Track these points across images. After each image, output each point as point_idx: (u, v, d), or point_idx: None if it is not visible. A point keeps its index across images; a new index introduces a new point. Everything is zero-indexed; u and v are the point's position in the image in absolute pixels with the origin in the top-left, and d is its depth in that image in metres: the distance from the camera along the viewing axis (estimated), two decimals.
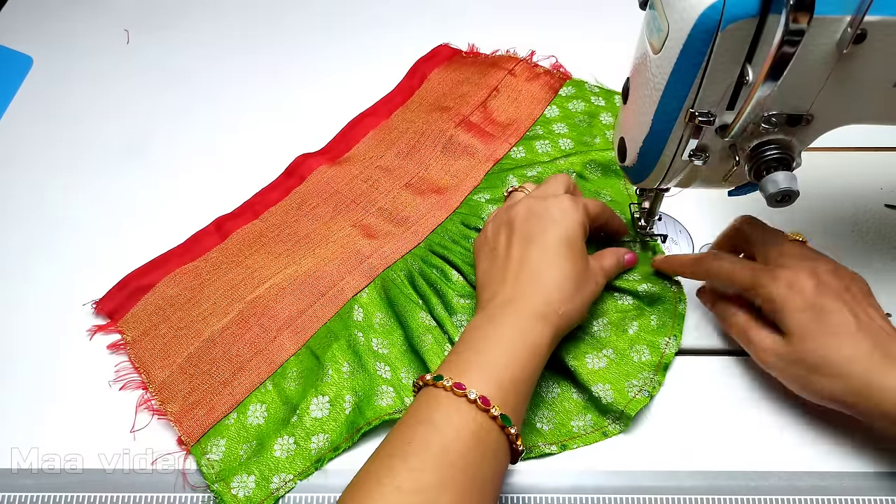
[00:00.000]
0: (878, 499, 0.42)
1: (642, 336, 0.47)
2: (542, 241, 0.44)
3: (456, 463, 0.35)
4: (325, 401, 0.45)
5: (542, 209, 0.46)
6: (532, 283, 0.43)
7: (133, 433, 0.46)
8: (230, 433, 0.45)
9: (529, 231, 0.45)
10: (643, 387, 0.45)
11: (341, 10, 0.76)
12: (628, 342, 0.47)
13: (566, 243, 0.44)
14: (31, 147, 0.64)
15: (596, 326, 0.48)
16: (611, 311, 0.49)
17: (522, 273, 0.43)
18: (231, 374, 0.48)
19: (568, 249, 0.44)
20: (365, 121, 0.64)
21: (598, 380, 0.45)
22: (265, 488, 0.42)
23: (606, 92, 0.65)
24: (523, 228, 0.45)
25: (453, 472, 0.35)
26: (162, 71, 0.71)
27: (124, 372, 0.49)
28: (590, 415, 0.45)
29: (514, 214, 0.46)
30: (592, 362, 0.46)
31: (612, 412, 0.45)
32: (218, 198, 0.58)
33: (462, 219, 0.55)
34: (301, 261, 0.54)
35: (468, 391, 0.37)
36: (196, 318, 0.51)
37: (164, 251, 0.55)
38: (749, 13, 0.32)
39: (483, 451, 0.36)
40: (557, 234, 0.44)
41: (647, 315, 0.49)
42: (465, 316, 0.50)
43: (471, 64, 0.68)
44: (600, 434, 0.45)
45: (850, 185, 0.56)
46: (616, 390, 0.45)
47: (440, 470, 0.35)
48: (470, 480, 0.35)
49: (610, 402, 0.45)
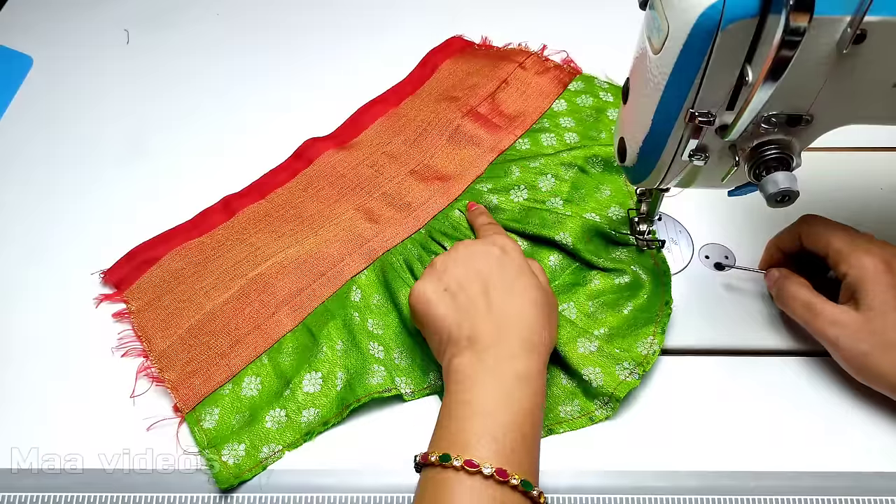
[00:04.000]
0: (879, 499, 0.42)
1: (637, 315, 0.48)
2: (499, 278, 0.43)
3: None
4: (318, 377, 0.47)
5: (485, 249, 0.45)
6: (510, 320, 0.41)
7: (133, 398, 0.47)
8: (224, 403, 0.46)
9: (486, 270, 0.44)
10: (633, 370, 0.45)
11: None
12: (623, 320, 0.48)
13: (524, 272, 0.44)
14: (31, 147, 0.64)
15: (592, 307, 0.49)
16: (607, 292, 0.50)
17: (493, 311, 0.42)
18: (229, 347, 0.49)
19: (527, 279, 0.43)
20: (374, 108, 0.65)
21: (589, 363, 0.46)
22: (254, 457, 0.44)
23: (615, 88, 0.65)
24: (477, 268, 0.44)
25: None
26: (163, 70, 0.70)
27: (126, 340, 0.50)
28: (577, 400, 0.46)
29: (457, 258, 0.45)
30: (583, 346, 0.46)
31: (601, 396, 0.45)
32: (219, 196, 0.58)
33: (463, 207, 0.56)
34: (303, 241, 0.55)
35: (482, 466, 0.35)
36: (199, 292, 0.52)
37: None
38: (749, 13, 0.32)
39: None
40: (513, 269, 0.44)
41: (640, 294, 0.49)
42: None
43: (482, 56, 0.69)
44: (587, 419, 0.45)
45: (850, 185, 0.56)
46: (606, 373, 0.45)
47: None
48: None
49: (600, 384, 0.45)
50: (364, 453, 0.44)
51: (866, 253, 0.42)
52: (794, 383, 0.46)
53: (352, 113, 0.64)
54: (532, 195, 0.56)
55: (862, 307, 0.42)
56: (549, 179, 0.57)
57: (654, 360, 0.46)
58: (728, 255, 0.53)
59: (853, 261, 0.42)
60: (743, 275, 0.51)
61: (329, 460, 0.44)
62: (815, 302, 0.44)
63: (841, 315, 0.43)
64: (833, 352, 0.44)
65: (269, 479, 0.43)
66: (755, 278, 0.50)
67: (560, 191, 0.56)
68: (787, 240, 0.48)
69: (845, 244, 0.43)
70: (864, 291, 0.42)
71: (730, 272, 0.52)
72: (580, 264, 0.52)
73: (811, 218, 0.46)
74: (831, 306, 0.43)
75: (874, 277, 0.42)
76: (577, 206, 0.55)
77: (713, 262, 0.53)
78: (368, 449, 0.45)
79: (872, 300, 0.41)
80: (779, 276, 0.47)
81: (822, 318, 0.43)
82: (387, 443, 0.45)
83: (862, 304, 0.42)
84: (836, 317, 0.43)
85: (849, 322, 0.42)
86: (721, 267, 0.52)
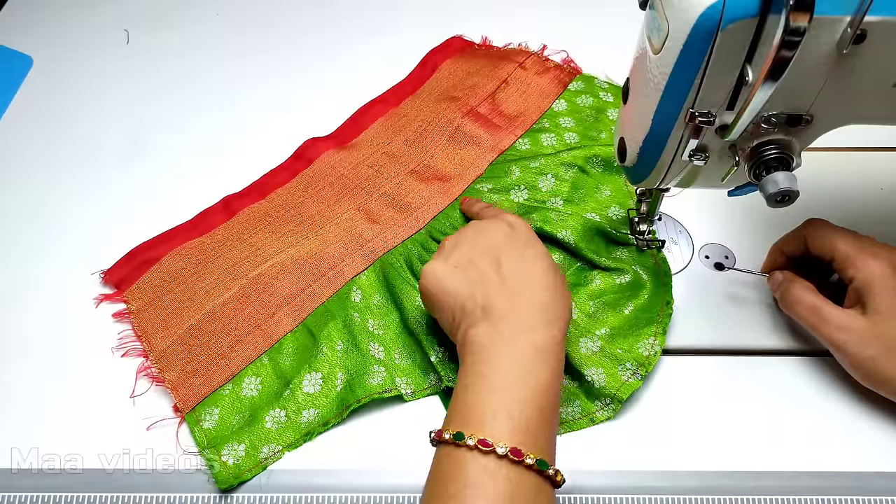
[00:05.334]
0: (879, 499, 0.42)
1: (638, 315, 0.48)
2: (510, 250, 0.43)
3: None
4: (318, 377, 0.47)
5: (492, 225, 0.45)
6: (523, 290, 0.41)
7: (133, 398, 0.47)
8: (224, 403, 0.46)
9: (495, 244, 0.44)
10: (635, 370, 0.45)
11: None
12: (624, 320, 0.48)
13: (532, 243, 0.44)
14: (30, 147, 0.64)
15: (593, 307, 0.49)
16: (608, 291, 0.50)
17: (506, 282, 0.41)
18: (229, 347, 0.49)
19: (539, 251, 0.43)
20: (374, 108, 0.65)
21: (592, 364, 0.46)
22: (254, 457, 0.44)
23: (615, 88, 0.65)
24: (486, 243, 0.44)
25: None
26: (163, 70, 0.70)
27: (126, 340, 0.50)
28: (578, 401, 0.46)
29: (466, 236, 0.45)
30: (586, 346, 0.46)
31: (604, 397, 0.45)
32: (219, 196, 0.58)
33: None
34: (304, 241, 0.55)
35: (496, 446, 0.34)
36: (199, 292, 0.52)
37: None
38: (749, 13, 0.32)
39: (526, 500, 0.35)
40: (523, 242, 0.44)
41: (641, 294, 0.49)
42: None
43: (482, 56, 0.69)
44: (588, 420, 0.45)
45: (850, 185, 0.56)
46: (609, 374, 0.45)
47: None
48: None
49: (602, 385, 0.45)
50: (364, 453, 0.44)
51: (873, 257, 0.42)
52: (794, 383, 0.46)
53: (352, 113, 0.64)
54: (532, 195, 0.56)
55: (869, 311, 0.41)
56: (549, 179, 0.57)
57: (655, 361, 0.46)
58: (728, 255, 0.53)
59: (860, 264, 0.42)
60: (743, 275, 0.51)
61: (329, 460, 0.44)
62: (820, 306, 0.43)
63: (847, 320, 0.42)
64: (839, 356, 0.43)
65: (268, 479, 0.43)
66: (755, 278, 0.50)
67: (560, 191, 0.56)
68: (792, 243, 0.47)
69: (852, 248, 0.43)
70: (871, 296, 0.41)
71: (730, 272, 0.52)
72: (581, 264, 0.52)
73: (816, 221, 0.46)
74: (837, 311, 0.43)
75: (881, 282, 0.41)
76: (577, 205, 0.55)
77: (713, 262, 0.53)
78: (368, 449, 0.45)
79: (879, 304, 0.41)
80: (783, 280, 0.47)
81: (829, 322, 0.43)
82: (387, 443, 0.45)
83: (869, 308, 0.41)
84: (842, 321, 0.42)
85: (855, 327, 0.42)
86: (721, 267, 0.52)
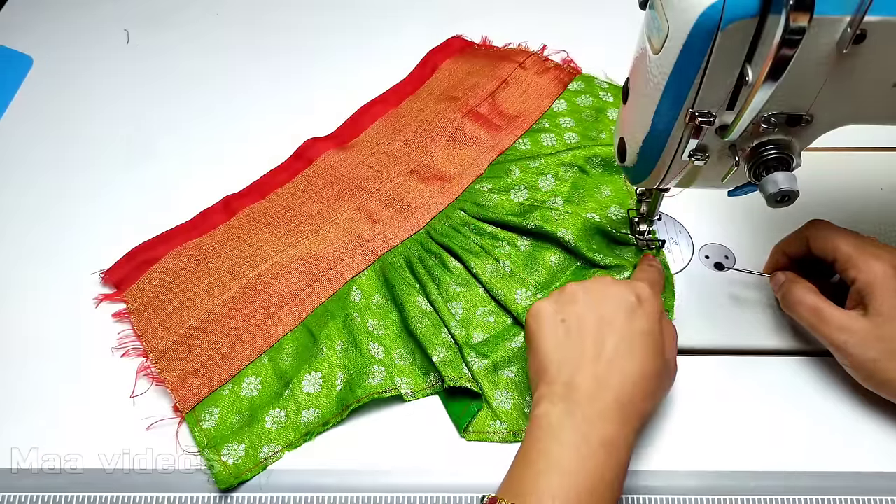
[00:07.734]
0: (879, 499, 0.42)
1: None
2: (622, 330, 0.40)
3: None
4: (318, 377, 0.47)
5: (620, 293, 0.42)
6: (612, 379, 0.39)
7: (133, 398, 0.47)
8: (224, 403, 0.46)
9: (611, 317, 0.41)
10: None
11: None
12: None
13: (650, 334, 0.41)
14: (30, 147, 0.64)
15: None
16: None
17: (601, 362, 0.39)
18: (229, 347, 0.49)
19: (651, 342, 0.40)
20: (374, 108, 0.65)
21: None
22: (254, 457, 0.44)
23: (615, 88, 0.65)
24: (604, 313, 0.41)
25: None
26: (163, 70, 0.70)
27: (126, 340, 0.50)
28: None
29: (588, 292, 0.42)
30: None
31: None
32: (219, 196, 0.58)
33: (462, 206, 0.56)
34: (303, 241, 0.55)
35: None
36: (199, 292, 0.52)
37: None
38: (749, 13, 0.32)
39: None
40: (641, 326, 0.40)
41: None
42: (461, 303, 0.51)
43: (482, 56, 0.69)
44: None
45: (850, 185, 0.56)
46: None
47: None
48: None
49: None
50: (364, 453, 0.44)
51: (875, 258, 0.42)
52: (794, 383, 0.46)
53: (352, 113, 0.64)
54: (532, 195, 0.56)
55: (871, 313, 0.41)
56: (549, 179, 0.57)
57: None
58: (728, 255, 0.53)
59: (862, 266, 0.42)
60: (743, 275, 0.51)
61: (329, 460, 0.44)
62: (822, 307, 0.43)
63: (849, 321, 0.42)
64: (840, 358, 0.43)
65: (268, 479, 0.43)
66: (755, 278, 0.50)
67: (560, 191, 0.56)
68: (794, 244, 0.47)
69: (853, 249, 0.43)
70: (873, 297, 0.41)
71: (729, 272, 0.52)
72: (581, 263, 0.52)
73: (818, 222, 0.46)
74: (839, 312, 0.43)
75: (883, 283, 0.41)
76: (577, 205, 0.55)
77: (713, 262, 0.53)
78: (368, 449, 0.45)
79: (881, 306, 0.41)
80: (785, 280, 0.46)
81: (830, 323, 0.42)
82: (387, 443, 0.45)
83: (871, 309, 0.41)
84: (844, 323, 0.42)
85: (857, 328, 0.41)
86: (721, 267, 0.52)
